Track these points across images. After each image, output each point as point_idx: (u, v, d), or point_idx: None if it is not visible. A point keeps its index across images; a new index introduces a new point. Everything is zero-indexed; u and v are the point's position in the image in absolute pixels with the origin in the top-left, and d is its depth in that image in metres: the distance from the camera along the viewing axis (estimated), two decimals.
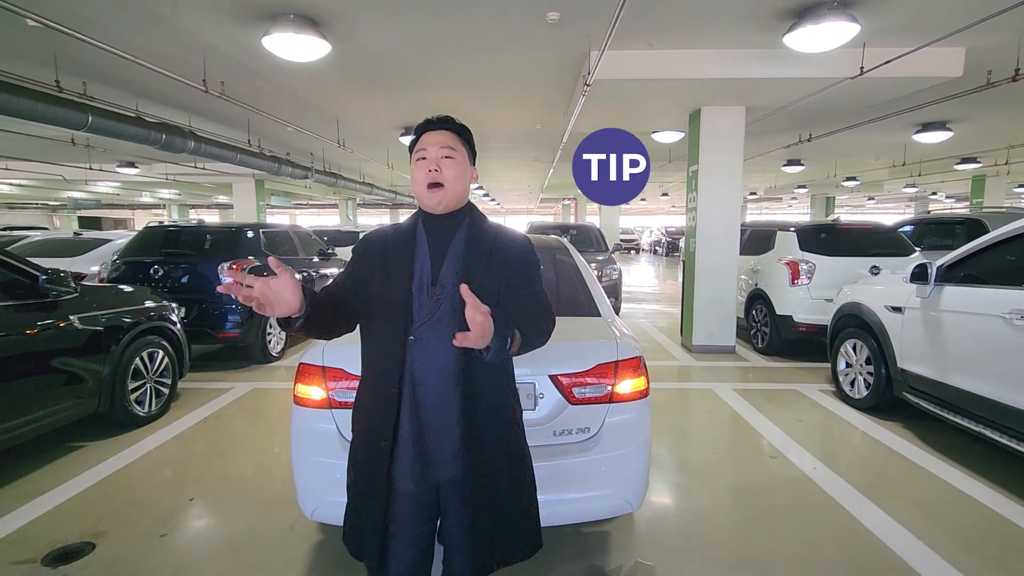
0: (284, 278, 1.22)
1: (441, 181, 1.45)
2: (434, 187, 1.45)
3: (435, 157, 1.45)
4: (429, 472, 1.44)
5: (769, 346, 6.38)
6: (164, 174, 13.58)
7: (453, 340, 1.27)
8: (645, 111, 6.84)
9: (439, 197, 1.46)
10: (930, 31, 4.47)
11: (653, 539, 2.67)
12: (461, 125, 1.53)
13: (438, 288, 1.44)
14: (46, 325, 3.41)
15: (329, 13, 4.30)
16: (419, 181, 1.47)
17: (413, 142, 1.53)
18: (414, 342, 1.42)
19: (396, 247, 1.50)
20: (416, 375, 1.43)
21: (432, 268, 1.46)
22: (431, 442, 1.43)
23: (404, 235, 1.52)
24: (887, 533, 2.69)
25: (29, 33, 4.55)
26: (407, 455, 1.43)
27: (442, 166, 1.45)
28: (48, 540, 2.62)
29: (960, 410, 3.48)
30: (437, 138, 1.47)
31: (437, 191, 1.45)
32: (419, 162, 1.48)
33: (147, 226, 6.86)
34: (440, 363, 1.42)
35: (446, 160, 1.46)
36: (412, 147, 1.53)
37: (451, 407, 1.43)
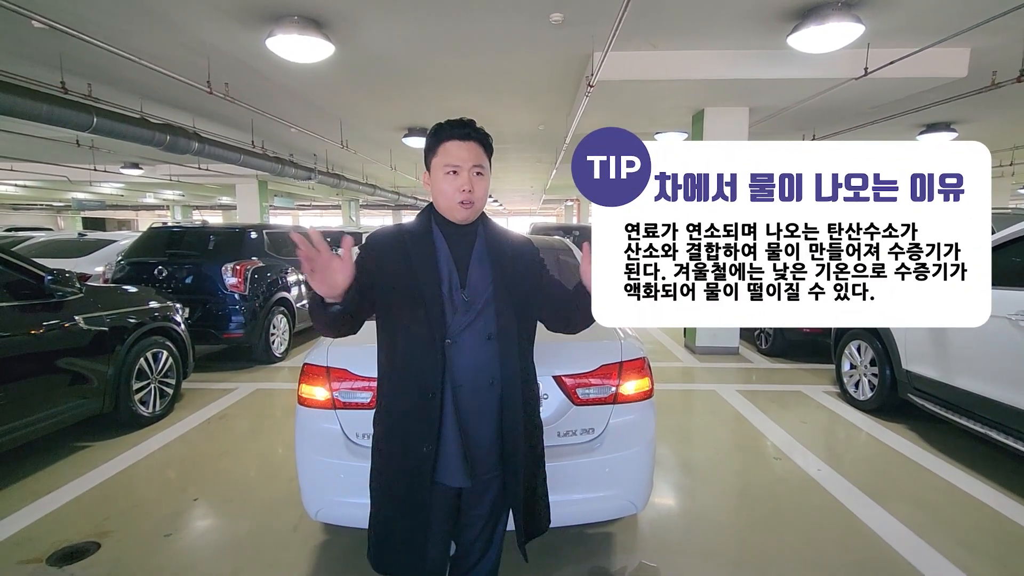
0: (346, 263, 1.26)
1: (473, 200, 1.47)
2: (467, 204, 1.46)
3: (467, 175, 1.45)
4: (470, 465, 1.48)
5: (773, 347, 6.37)
6: (168, 175, 13.62)
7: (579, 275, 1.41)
8: (648, 112, 6.83)
9: (468, 213, 1.48)
10: (935, 32, 4.46)
11: (657, 540, 2.67)
12: (486, 135, 1.53)
13: (468, 291, 1.47)
14: (51, 325, 3.42)
15: (333, 14, 4.31)
16: (448, 195, 1.46)
17: (433, 143, 1.49)
18: (451, 345, 1.45)
19: (417, 250, 1.48)
20: (455, 378, 1.45)
21: (458, 271, 1.48)
22: (470, 440, 1.48)
23: (421, 238, 1.50)
24: (892, 534, 2.68)
25: (35, 35, 4.56)
26: (454, 455, 1.46)
27: (474, 184, 1.46)
28: (53, 540, 2.63)
29: (965, 412, 3.47)
30: (468, 153, 1.46)
31: (468, 208, 1.47)
32: (449, 176, 1.46)
33: (151, 227, 6.89)
34: (478, 365, 1.47)
35: (477, 178, 1.47)
36: (432, 148, 1.50)
37: (487, 407, 1.49)
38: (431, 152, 1.50)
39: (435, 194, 1.50)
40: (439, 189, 1.48)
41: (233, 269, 5.74)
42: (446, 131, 1.48)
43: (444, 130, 1.49)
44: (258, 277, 5.95)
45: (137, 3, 4.09)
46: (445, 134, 1.48)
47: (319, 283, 1.25)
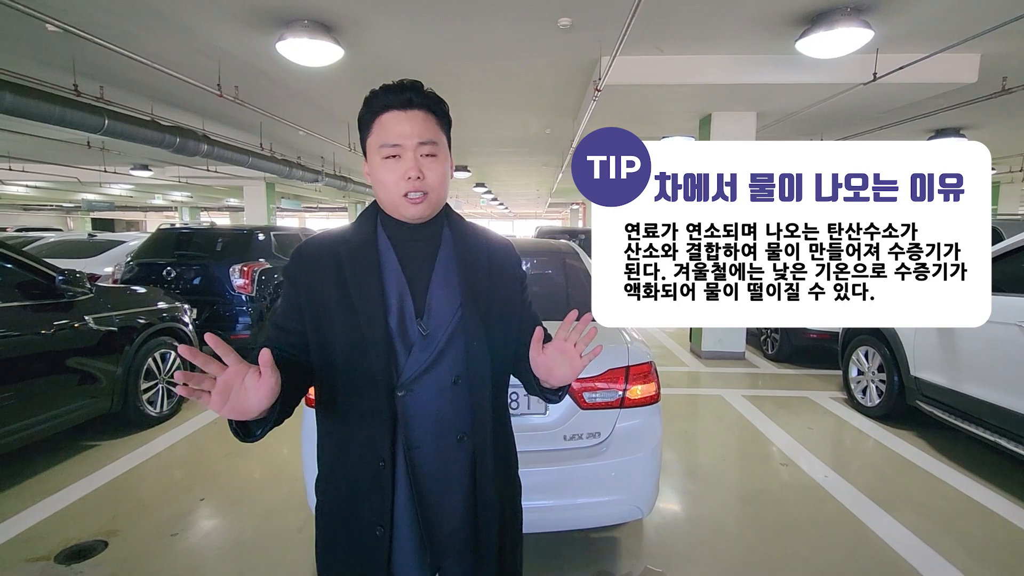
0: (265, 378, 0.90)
1: (425, 189, 1.08)
2: (416, 196, 1.08)
3: (413, 157, 1.07)
4: (432, 554, 1.12)
5: (779, 353, 6.34)
6: (177, 177, 13.73)
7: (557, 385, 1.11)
8: (656, 116, 6.84)
9: (422, 209, 1.10)
10: (944, 37, 4.44)
11: (663, 545, 2.66)
12: (438, 99, 1.13)
13: (427, 321, 1.09)
14: (62, 325, 3.45)
15: (343, 19, 4.34)
16: (390, 186, 1.08)
17: (367, 117, 1.10)
18: (404, 397, 1.08)
19: (354, 269, 1.09)
20: (411, 438, 1.09)
21: (412, 294, 1.10)
22: (433, 517, 1.12)
23: (360, 251, 1.11)
24: (899, 542, 2.66)
25: (49, 38, 4.62)
26: (408, 539, 1.11)
27: (424, 168, 1.07)
28: (61, 538, 2.65)
29: (974, 419, 3.44)
30: (411, 126, 1.07)
31: (420, 202, 1.08)
32: (388, 161, 1.07)
33: (160, 228, 6.94)
34: (441, 419, 1.11)
35: (428, 160, 1.08)
36: (366, 125, 1.11)
37: (456, 470, 1.13)
38: (364, 129, 1.11)
39: (375, 187, 1.11)
40: (377, 179, 1.09)
41: (241, 270, 5.78)
42: (379, 99, 1.08)
43: (377, 98, 1.09)
44: (265, 278, 5.98)
45: (150, 7, 4.14)
46: (378, 103, 1.08)
47: (228, 411, 0.90)
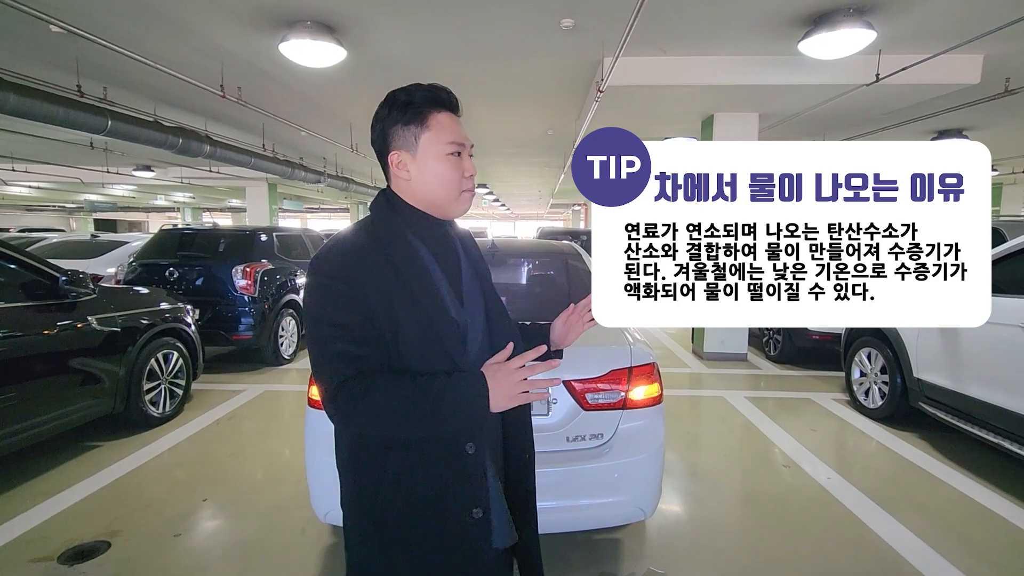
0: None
1: (474, 188, 1.19)
2: (470, 194, 1.17)
3: (469, 158, 1.17)
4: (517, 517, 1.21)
5: (782, 354, 6.33)
6: (179, 178, 13.76)
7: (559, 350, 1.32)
8: (658, 117, 6.84)
9: (468, 204, 1.19)
10: (947, 38, 4.43)
11: (665, 547, 2.65)
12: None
13: (466, 308, 1.16)
14: (65, 326, 3.46)
15: (346, 20, 4.35)
16: (452, 183, 1.13)
17: (416, 115, 1.13)
18: None
19: (408, 268, 1.10)
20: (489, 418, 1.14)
21: (450, 285, 1.16)
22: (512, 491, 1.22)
23: (409, 253, 1.12)
24: (903, 544, 2.66)
25: (52, 39, 4.64)
26: (500, 512, 1.16)
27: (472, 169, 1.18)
28: (64, 538, 2.66)
29: (978, 421, 3.43)
30: (463, 130, 1.17)
31: (471, 199, 1.18)
32: (451, 158, 1.13)
33: (162, 229, 6.96)
34: None
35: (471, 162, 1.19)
36: (415, 120, 1.13)
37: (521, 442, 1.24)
38: (414, 124, 1.13)
39: (425, 181, 1.13)
40: (436, 174, 1.12)
41: (243, 271, 5.79)
42: (430, 96, 1.15)
43: (427, 93, 1.15)
44: (268, 279, 5.99)
45: (153, 8, 4.15)
46: (429, 99, 1.14)
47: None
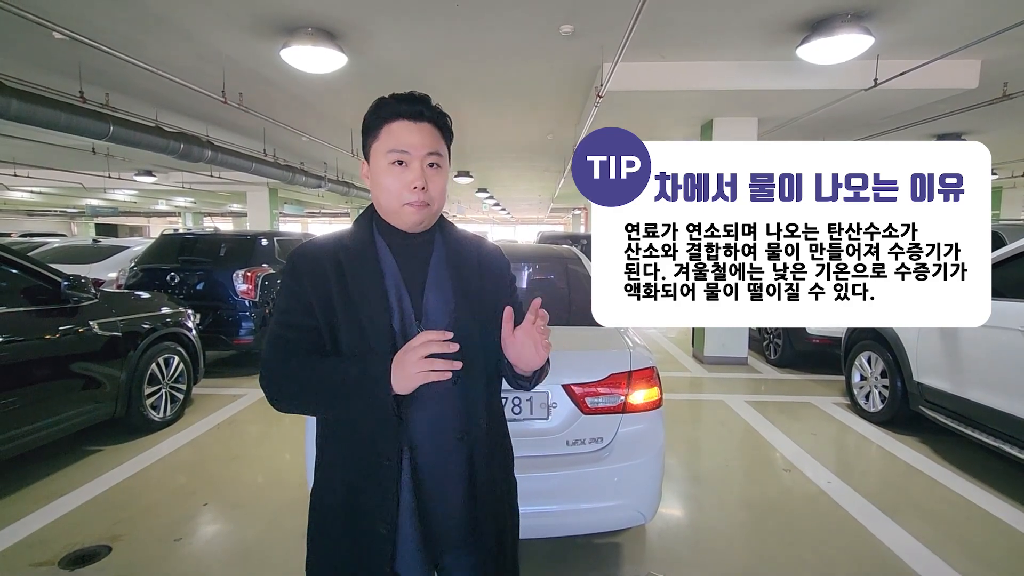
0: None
1: (428, 200, 1.14)
2: (417, 205, 1.13)
3: (419, 167, 1.12)
4: (432, 551, 1.17)
5: (782, 358, 6.33)
6: (180, 182, 13.79)
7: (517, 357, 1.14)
8: (657, 122, 6.86)
9: (422, 217, 1.15)
10: (945, 43, 4.45)
11: (665, 551, 2.65)
12: (443, 114, 1.19)
13: (425, 324, 1.14)
14: (67, 330, 3.47)
15: (346, 26, 4.37)
16: (394, 193, 1.13)
17: (374, 123, 1.15)
18: (407, 397, 1.11)
19: (355, 272, 1.13)
20: (413, 437, 1.13)
21: (411, 299, 1.15)
22: (433, 514, 1.16)
23: (361, 254, 1.15)
24: (903, 548, 2.65)
25: (55, 46, 4.66)
26: (410, 538, 1.14)
27: (428, 179, 1.13)
28: (65, 543, 2.65)
29: (978, 424, 3.43)
30: (419, 137, 1.13)
31: (421, 210, 1.13)
32: (394, 167, 1.13)
33: (163, 233, 6.98)
34: (442, 417, 1.15)
35: (432, 170, 1.14)
36: (372, 130, 1.16)
37: (455, 468, 1.16)
38: (370, 134, 1.16)
39: (376, 191, 1.15)
40: (381, 185, 1.14)
41: (244, 276, 5.80)
42: (390, 107, 1.14)
43: (388, 106, 1.14)
44: (268, 284, 6.00)
45: (155, 15, 4.17)
46: (389, 111, 1.14)
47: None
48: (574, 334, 2.44)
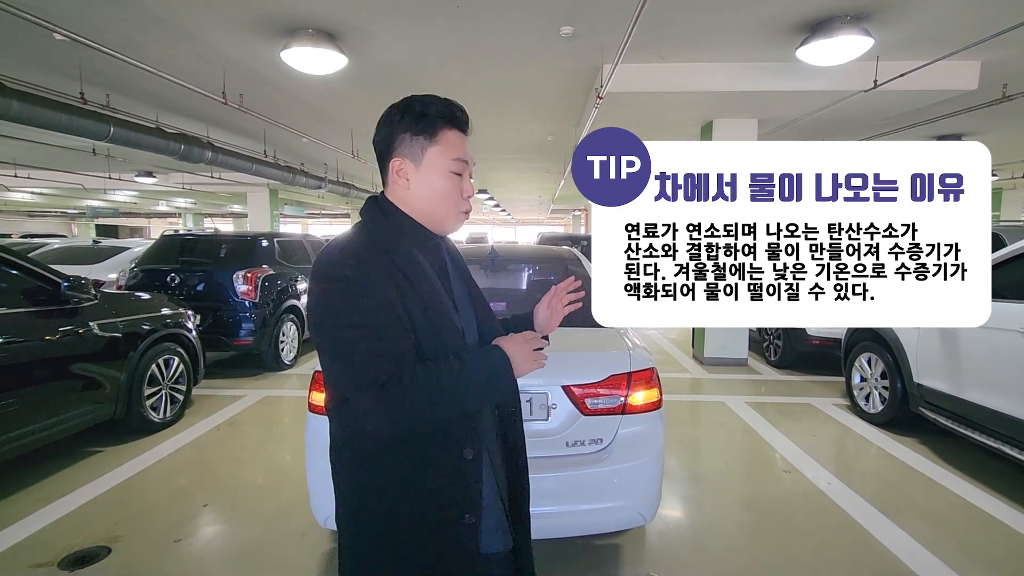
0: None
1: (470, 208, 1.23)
2: (467, 214, 1.21)
3: (470, 179, 1.20)
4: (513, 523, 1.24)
5: (782, 359, 6.33)
6: (181, 183, 13.80)
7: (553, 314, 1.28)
8: (657, 123, 6.86)
9: (462, 223, 1.24)
10: (945, 44, 4.46)
11: (665, 552, 2.65)
12: None
13: (460, 314, 1.20)
14: (67, 331, 3.47)
15: (347, 27, 4.38)
16: (452, 201, 1.17)
17: (428, 127, 1.13)
18: None
19: (416, 276, 1.13)
20: (480, 426, 1.19)
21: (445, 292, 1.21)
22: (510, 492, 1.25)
23: (412, 260, 1.14)
24: (903, 549, 2.65)
25: (56, 47, 4.67)
26: (494, 517, 1.19)
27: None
28: (65, 544, 2.65)
29: (978, 426, 3.43)
30: (469, 150, 1.18)
31: (464, 218, 1.22)
32: (453, 176, 1.15)
33: (163, 235, 6.98)
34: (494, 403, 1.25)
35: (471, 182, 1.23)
36: (425, 132, 1.13)
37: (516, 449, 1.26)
38: (423, 133, 1.13)
39: (423, 194, 1.15)
40: (436, 189, 1.14)
41: (244, 277, 5.80)
42: (447, 115, 1.14)
43: (446, 114, 1.14)
44: (268, 285, 6.00)
45: (155, 16, 4.18)
46: (442, 112, 1.14)
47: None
48: (574, 335, 2.44)
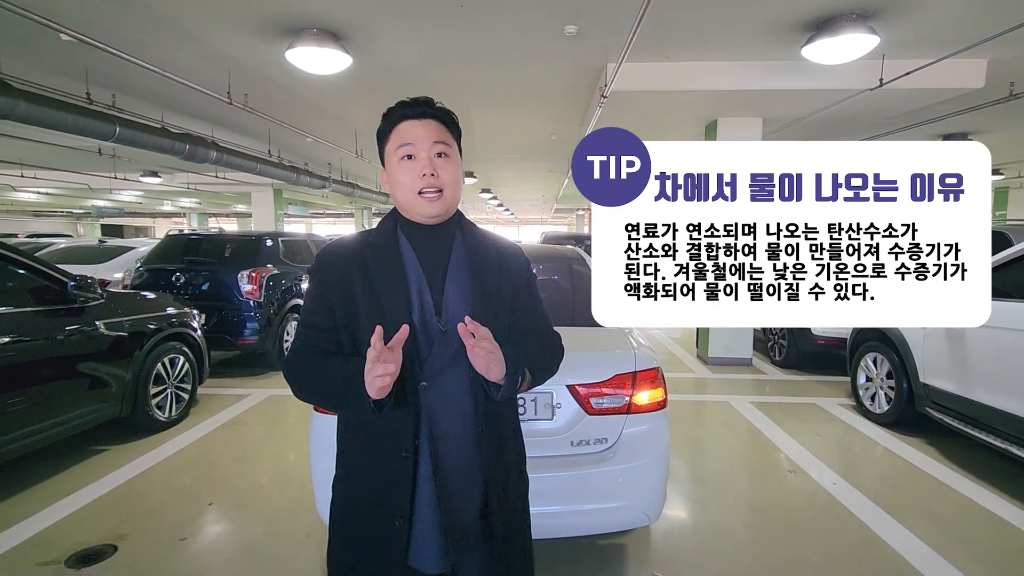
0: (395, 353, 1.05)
1: (440, 186, 1.19)
2: (431, 194, 1.18)
3: (427, 156, 1.18)
4: (452, 545, 1.18)
5: (787, 359, 6.30)
6: (186, 183, 13.85)
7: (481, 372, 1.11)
8: (661, 122, 6.85)
9: (439, 207, 1.19)
10: (951, 43, 4.43)
11: (670, 552, 2.65)
12: (447, 111, 1.25)
13: (444, 318, 1.18)
14: (73, 330, 3.49)
15: (351, 28, 4.39)
16: (407, 186, 1.19)
17: (385, 129, 1.23)
18: (427, 388, 1.17)
19: (379, 268, 1.19)
20: (435, 431, 1.17)
21: (432, 293, 1.20)
22: (453, 510, 1.17)
23: (384, 252, 1.21)
24: (909, 550, 2.64)
25: (62, 47, 4.69)
26: (428, 530, 1.17)
27: (438, 168, 1.19)
28: (71, 542, 2.67)
29: (984, 426, 3.41)
30: (425, 131, 1.19)
31: (436, 199, 1.18)
32: (404, 161, 1.19)
33: (169, 234, 7.01)
34: (461, 411, 1.19)
35: (441, 160, 1.20)
36: (384, 135, 1.23)
37: (476, 463, 1.20)
38: (383, 140, 1.24)
39: (393, 190, 1.23)
40: (396, 181, 1.20)
41: (249, 276, 5.82)
42: (396, 112, 1.22)
43: (394, 111, 1.22)
44: (273, 284, 6.02)
45: (161, 17, 4.20)
46: (396, 115, 1.22)
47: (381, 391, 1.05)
48: (578, 334, 2.43)
